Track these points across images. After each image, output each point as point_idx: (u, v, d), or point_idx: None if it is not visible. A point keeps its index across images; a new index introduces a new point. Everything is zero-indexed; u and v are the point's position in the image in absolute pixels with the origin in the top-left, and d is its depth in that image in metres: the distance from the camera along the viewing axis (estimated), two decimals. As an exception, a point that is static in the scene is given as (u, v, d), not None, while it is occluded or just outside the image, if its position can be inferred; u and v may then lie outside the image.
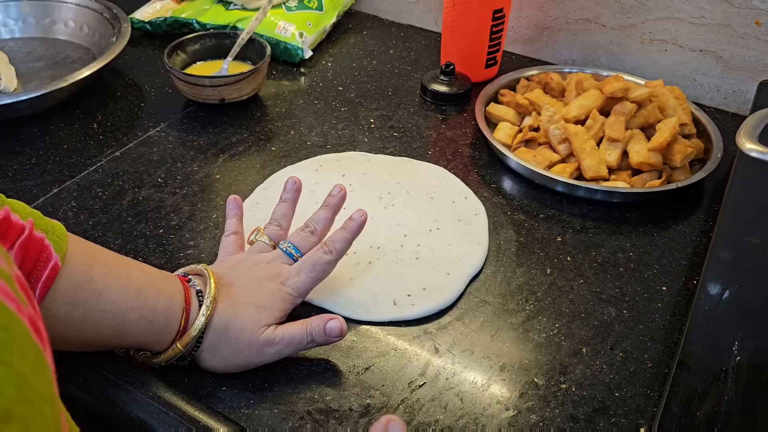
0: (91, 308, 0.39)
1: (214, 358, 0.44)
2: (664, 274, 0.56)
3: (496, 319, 0.51)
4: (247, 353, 0.44)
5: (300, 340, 0.45)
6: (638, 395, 0.46)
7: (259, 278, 0.46)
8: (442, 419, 0.44)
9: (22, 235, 0.37)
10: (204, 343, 0.44)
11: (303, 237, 0.49)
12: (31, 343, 0.22)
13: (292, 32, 0.84)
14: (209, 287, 0.44)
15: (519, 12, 0.86)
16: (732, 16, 0.73)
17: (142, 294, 0.42)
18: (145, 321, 0.42)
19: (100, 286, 0.40)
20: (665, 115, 0.67)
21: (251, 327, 0.44)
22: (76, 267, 0.39)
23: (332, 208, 0.51)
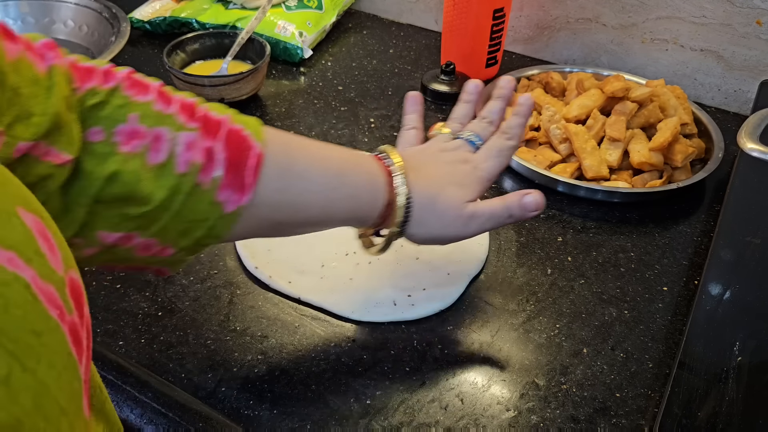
0: (299, 191, 0.41)
1: (422, 229, 0.45)
2: (665, 275, 0.56)
3: (497, 319, 0.51)
4: (454, 226, 0.45)
5: (500, 215, 0.46)
6: (639, 396, 0.46)
7: (450, 161, 0.48)
8: (442, 420, 0.44)
9: (223, 127, 0.38)
10: (413, 216, 0.44)
11: (483, 127, 0.51)
12: (64, 352, 0.22)
13: (292, 32, 0.84)
14: (394, 162, 0.44)
15: (519, 11, 0.86)
16: (733, 15, 0.73)
17: (342, 173, 0.42)
18: (350, 198, 0.43)
19: (303, 168, 0.41)
20: (666, 115, 0.66)
21: (457, 201, 0.45)
22: (277, 153, 0.40)
23: (504, 99, 0.52)
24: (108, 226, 0.35)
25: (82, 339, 0.24)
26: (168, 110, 0.37)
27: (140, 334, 0.49)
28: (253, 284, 0.54)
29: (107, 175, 0.34)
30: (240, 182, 0.38)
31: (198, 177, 0.36)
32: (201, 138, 0.37)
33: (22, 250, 0.21)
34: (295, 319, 0.51)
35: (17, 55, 0.31)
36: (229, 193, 0.37)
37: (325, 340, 0.49)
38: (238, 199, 0.38)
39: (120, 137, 0.35)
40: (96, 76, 0.35)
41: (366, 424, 0.44)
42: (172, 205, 0.36)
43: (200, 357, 0.48)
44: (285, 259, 0.55)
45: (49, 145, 0.32)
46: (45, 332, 0.21)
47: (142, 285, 0.53)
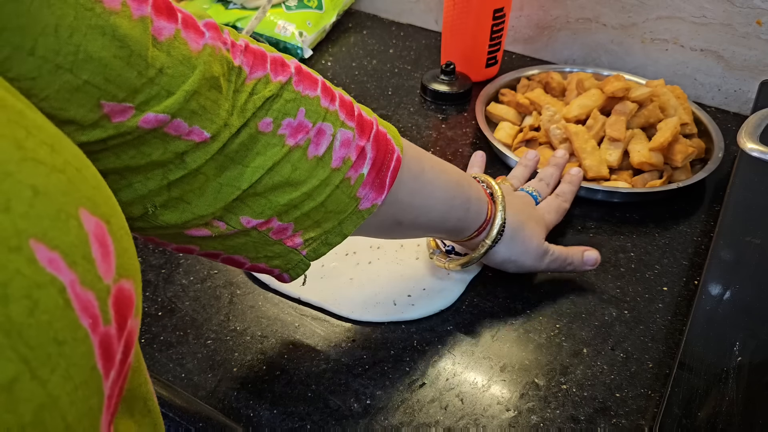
0: (427, 195, 0.44)
1: (507, 252, 0.50)
2: (665, 275, 0.56)
3: (497, 319, 0.51)
4: (533, 255, 0.51)
5: (564, 259, 0.52)
6: (639, 396, 0.46)
7: (526, 203, 0.54)
8: (442, 420, 0.44)
9: (373, 129, 0.41)
10: (504, 236, 0.49)
11: (541, 186, 0.58)
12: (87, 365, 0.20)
13: (292, 31, 0.84)
14: (495, 188, 0.50)
15: (519, 11, 0.86)
16: (733, 15, 0.73)
17: (460, 185, 0.47)
18: (463, 209, 0.47)
19: (431, 177, 0.45)
20: (666, 115, 0.66)
21: (538, 234, 0.52)
22: (411, 160, 0.43)
23: (559, 167, 0.61)
24: (253, 213, 0.37)
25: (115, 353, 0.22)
26: (332, 107, 0.39)
27: (140, 334, 0.49)
28: (253, 284, 0.54)
29: (269, 165, 0.36)
30: (381, 181, 0.40)
31: (348, 172, 0.39)
32: (356, 137, 0.39)
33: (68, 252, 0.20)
34: (295, 319, 0.51)
35: (171, 33, 0.31)
36: (368, 191, 0.40)
37: (325, 340, 0.49)
38: (375, 198, 0.40)
39: (287, 130, 0.36)
40: (267, 64, 0.36)
41: (366, 424, 0.44)
42: (319, 196, 0.38)
43: (200, 357, 0.48)
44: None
45: (190, 124, 0.32)
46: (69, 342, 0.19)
47: (142, 285, 0.53)
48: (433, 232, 0.48)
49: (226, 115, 0.34)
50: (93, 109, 0.28)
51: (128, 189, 0.33)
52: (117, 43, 0.28)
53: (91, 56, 0.27)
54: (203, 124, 0.33)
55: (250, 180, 0.35)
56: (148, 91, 0.30)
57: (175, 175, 0.33)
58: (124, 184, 0.33)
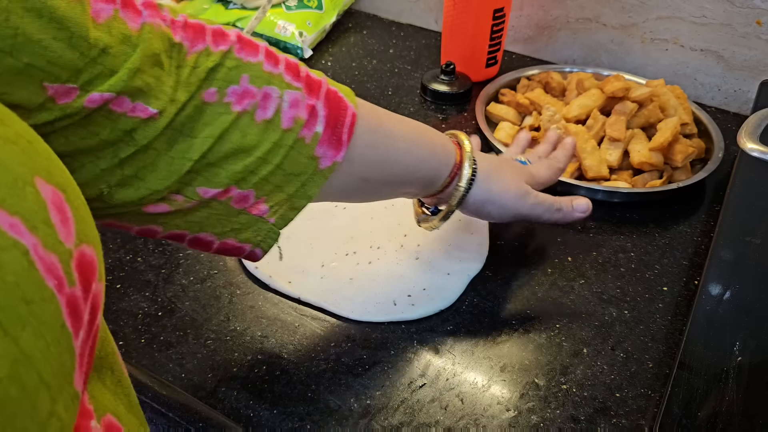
0: (387, 147, 0.44)
1: (484, 192, 0.49)
2: (665, 275, 0.56)
3: (497, 319, 0.51)
4: (514, 193, 0.50)
5: (550, 204, 0.52)
6: (639, 396, 0.46)
7: (502, 158, 0.55)
8: (442, 420, 0.44)
9: (323, 87, 0.41)
10: (478, 177, 0.48)
11: (532, 157, 0.59)
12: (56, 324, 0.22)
13: (292, 31, 0.84)
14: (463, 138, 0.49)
15: (519, 11, 0.86)
16: (733, 15, 0.73)
17: (421, 133, 0.47)
18: (429, 155, 0.46)
19: (389, 128, 0.45)
20: (666, 115, 0.66)
21: (516, 176, 0.51)
22: (366, 114, 0.43)
23: (551, 143, 0.61)
24: (209, 182, 0.37)
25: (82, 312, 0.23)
26: (276, 70, 0.39)
27: (140, 334, 0.49)
28: (253, 284, 0.54)
29: (218, 134, 0.36)
30: (337, 138, 0.40)
31: (301, 132, 0.39)
32: (305, 96, 0.39)
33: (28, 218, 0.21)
34: (295, 319, 0.51)
35: (110, 14, 0.31)
36: (326, 149, 0.40)
37: (325, 340, 0.49)
38: (333, 155, 0.40)
39: (233, 97, 0.36)
40: (207, 36, 0.37)
41: (366, 424, 0.44)
42: (274, 158, 0.38)
43: (200, 357, 0.48)
44: (285, 258, 0.55)
45: (134, 101, 0.33)
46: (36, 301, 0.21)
47: (141, 285, 0.53)
48: (404, 186, 0.48)
49: (171, 90, 0.34)
50: (37, 92, 0.29)
51: (81, 170, 0.33)
52: (55, 24, 0.28)
53: (30, 39, 0.28)
54: (148, 100, 0.33)
55: (201, 150, 0.36)
56: (91, 71, 0.30)
57: (126, 153, 0.34)
58: (76, 165, 0.33)
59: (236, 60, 0.37)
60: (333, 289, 0.53)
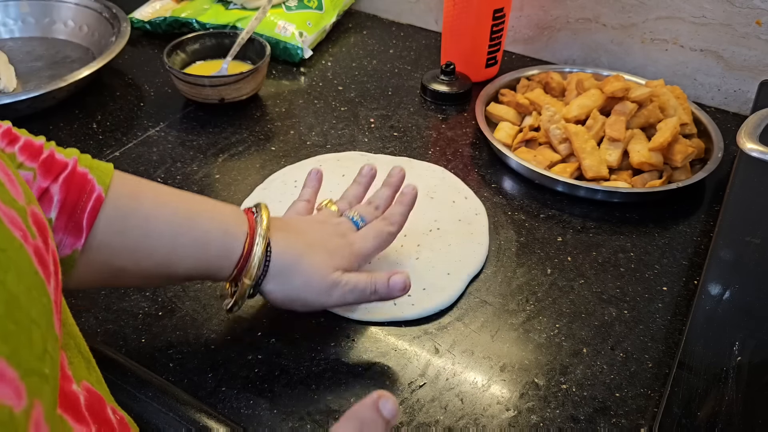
0: (141, 235, 0.40)
1: (282, 289, 0.44)
2: (664, 275, 0.56)
3: (497, 319, 0.51)
4: (317, 289, 0.45)
5: (363, 289, 0.46)
6: (639, 395, 0.46)
7: (328, 233, 0.48)
8: (442, 420, 0.44)
9: (66, 170, 0.38)
10: (271, 269, 0.44)
11: (369, 211, 0.52)
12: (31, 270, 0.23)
13: (292, 32, 0.84)
14: (261, 216, 0.45)
15: (519, 11, 0.86)
16: (733, 15, 0.73)
17: (193, 218, 0.42)
18: (199, 245, 0.42)
19: (148, 212, 0.40)
20: (666, 115, 0.66)
21: (323, 265, 0.45)
22: (123, 197, 0.40)
23: (393, 187, 0.54)
24: None
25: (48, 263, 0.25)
26: (9, 149, 0.37)
27: (140, 334, 0.49)
28: (253, 284, 0.54)
29: None
30: (76, 225, 0.37)
31: None
32: (38, 178, 0.37)
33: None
34: (295, 319, 0.51)
35: None
36: (63, 236, 0.37)
37: (325, 340, 0.49)
38: (73, 243, 0.37)
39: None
40: None
41: (366, 423, 0.44)
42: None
43: (200, 357, 0.48)
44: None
45: None
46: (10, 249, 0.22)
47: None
48: (172, 275, 0.43)
49: None
50: None
51: None
52: None
53: None
54: None
55: None
56: None
57: None
58: None
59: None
60: (333, 289, 0.53)
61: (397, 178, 0.54)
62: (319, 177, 0.55)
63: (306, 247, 0.45)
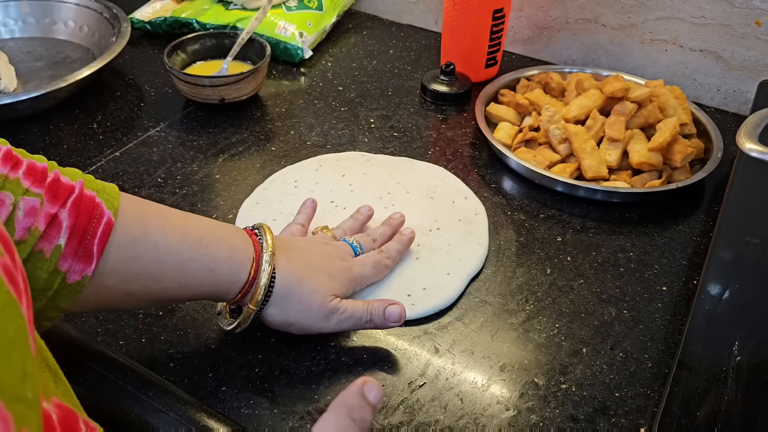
0: (150, 260, 0.40)
1: (282, 313, 0.45)
2: (664, 274, 0.56)
3: (496, 319, 0.51)
4: (315, 315, 0.45)
5: (360, 317, 0.46)
6: (638, 395, 0.46)
7: (329, 253, 0.49)
8: (442, 419, 0.44)
9: (73, 193, 0.37)
10: (274, 295, 0.44)
11: (366, 240, 0.53)
12: (2, 290, 0.22)
13: (292, 32, 0.84)
14: (266, 240, 0.45)
15: (519, 12, 0.86)
16: (732, 16, 0.73)
17: (202, 244, 0.42)
18: (207, 271, 0.42)
19: (157, 238, 0.40)
20: (665, 115, 0.67)
21: (323, 290, 0.46)
22: (131, 221, 0.39)
23: (392, 227, 0.56)
24: None
25: (18, 281, 0.24)
26: (13, 174, 0.36)
27: (141, 333, 0.49)
28: (254, 284, 0.54)
29: None
30: (86, 251, 0.37)
31: (38, 244, 0.35)
32: (45, 204, 0.36)
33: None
34: (295, 318, 0.51)
35: None
36: (72, 262, 0.36)
37: (325, 340, 0.49)
38: (83, 269, 0.37)
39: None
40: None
41: (366, 423, 0.44)
42: None
43: (200, 357, 0.48)
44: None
45: None
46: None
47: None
48: (181, 299, 0.43)
49: None
50: None
51: None
52: None
53: None
54: None
55: None
56: None
57: None
58: None
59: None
60: (333, 289, 0.53)
61: (397, 221, 0.56)
62: (314, 206, 0.56)
63: (308, 270, 0.46)
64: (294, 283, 0.45)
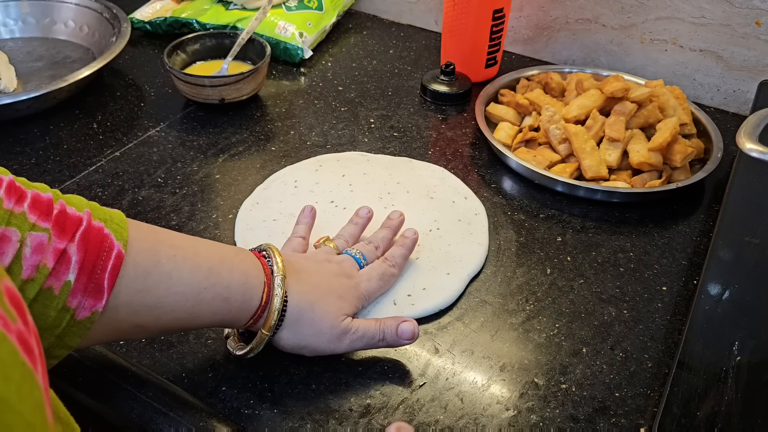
0: (163, 293, 0.38)
1: (294, 337, 0.44)
2: (664, 274, 0.56)
3: (496, 319, 0.51)
4: (327, 337, 0.45)
5: (372, 336, 0.46)
6: (638, 395, 0.46)
7: (335, 272, 0.48)
8: (442, 419, 0.44)
9: (81, 226, 0.36)
10: (286, 319, 0.43)
11: (369, 250, 0.52)
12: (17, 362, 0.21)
13: (292, 32, 0.84)
14: (276, 263, 0.44)
15: (519, 12, 0.86)
16: (732, 15, 0.73)
17: (214, 272, 0.40)
18: (220, 299, 0.41)
19: (170, 269, 0.39)
20: (665, 115, 0.67)
21: (334, 312, 0.45)
22: (141, 252, 0.38)
23: (393, 229, 0.55)
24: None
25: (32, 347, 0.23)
26: (19, 208, 0.34)
27: (141, 333, 0.49)
28: (254, 284, 0.54)
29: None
30: (96, 286, 0.35)
31: (46, 282, 0.34)
32: (53, 239, 0.34)
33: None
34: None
35: None
36: (82, 298, 0.35)
37: (325, 340, 0.49)
38: (93, 305, 0.35)
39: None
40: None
41: (366, 423, 0.44)
42: None
43: (200, 357, 0.48)
44: (285, 259, 0.55)
45: None
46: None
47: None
48: (191, 328, 0.42)
49: None
50: None
51: None
52: None
53: None
54: None
55: None
56: None
57: None
58: None
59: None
60: (333, 289, 0.53)
61: (397, 221, 0.55)
62: (313, 214, 0.56)
63: (318, 293, 0.45)
64: (305, 307, 0.44)
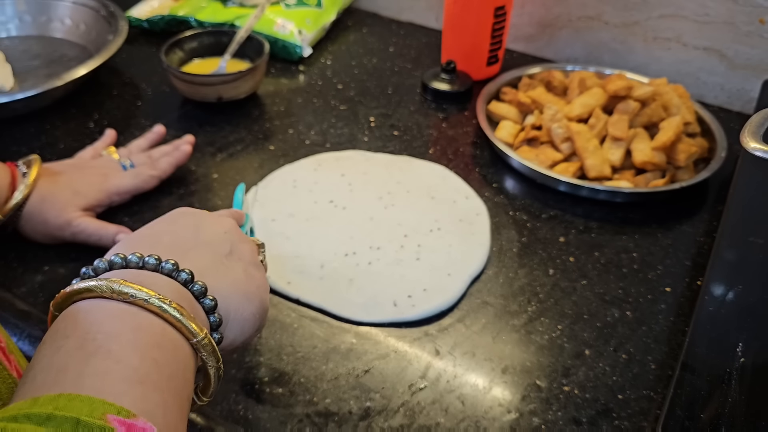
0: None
1: (27, 225, 0.53)
2: (667, 275, 0.55)
3: (498, 320, 0.51)
4: (53, 226, 0.53)
5: (91, 234, 0.54)
6: (642, 397, 0.46)
7: (86, 171, 0.57)
8: (443, 422, 0.44)
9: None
10: (23, 212, 0.52)
11: (141, 159, 0.61)
12: None
13: (291, 30, 0.83)
14: (32, 170, 0.53)
15: (521, 9, 0.85)
16: (736, 13, 0.72)
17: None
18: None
19: None
20: (669, 114, 0.66)
21: (62, 204, 0.53)
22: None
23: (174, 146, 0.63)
24: None
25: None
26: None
27: (138, 335, 0.49)
28: (252, 285, 0.53)
29: None
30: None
31: None
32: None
33: None
34: (294, 320, 0.51)
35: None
36: None
37: (325, 342, 0.49)
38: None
39: None
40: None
41: (366, 426, 0.43)
42: None
43: (198, 358, 0.47)
44: (284, 259, 0.55)
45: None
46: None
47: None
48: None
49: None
50: None
51: None
52: None
53: None
54: None
55: None
56: None
57: None
58: None
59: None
60: (332, 290, 0.52)
61: (184, 141, 0.64)
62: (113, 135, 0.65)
63: (53, 188, 0.53)
64: (38, 200, 0.52)
